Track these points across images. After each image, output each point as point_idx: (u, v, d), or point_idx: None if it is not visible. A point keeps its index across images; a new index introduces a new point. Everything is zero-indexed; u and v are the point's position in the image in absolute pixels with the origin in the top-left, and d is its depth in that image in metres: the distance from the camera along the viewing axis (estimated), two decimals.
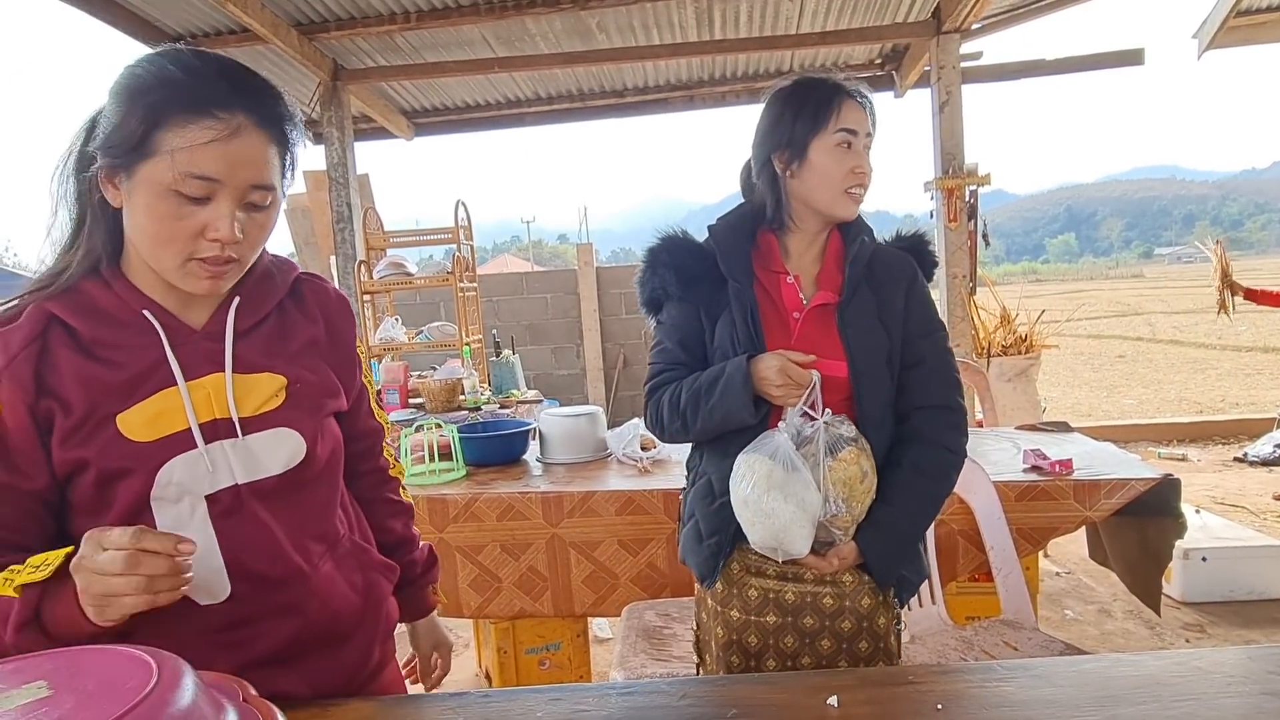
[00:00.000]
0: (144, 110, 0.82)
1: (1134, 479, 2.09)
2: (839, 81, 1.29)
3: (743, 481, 1.22)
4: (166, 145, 0.82)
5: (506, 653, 2.48)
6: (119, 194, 0.86)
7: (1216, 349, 12.79)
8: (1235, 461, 5.30)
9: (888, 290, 1.31)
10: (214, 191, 0.84)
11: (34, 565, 0.78)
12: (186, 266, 0.87)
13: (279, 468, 0.95)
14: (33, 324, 0.87)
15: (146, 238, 0.86)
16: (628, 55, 5.10)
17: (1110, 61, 5.50)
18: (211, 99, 0.83)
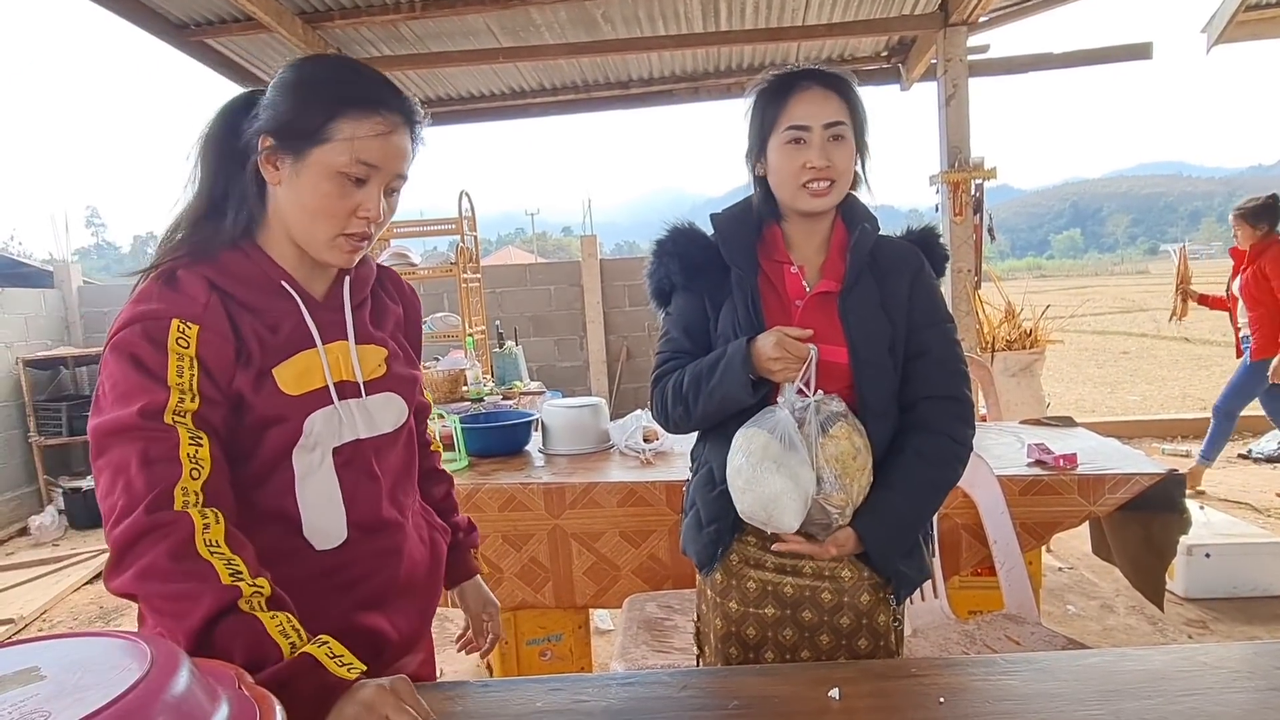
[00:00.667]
0: (324, 102, 0.95)
1: (1138, 474, 2.08)
2: (792, 74, 1.28)
3: (738, 453, 1.22)
4: (341, 134, 0.94)
5: (508, 644, 2.48)
6: (278, 174, 0.97)
7: (1221, 345, 12.73)
8: (1239, 458, 5.28)
9: (892, 280, 1.30)
10: (371, 176, 0.97)
11: (339, 656, 0.84)
12: (335, 240, 0.99)
13: (389, 427, 1.09)
14: (202, 280, 0.95)
15: (306, 213, 0.97)
16: (633, 46, 5.07)
17: (1118, 55, 5.46)
18: (381, 99, 0.97)
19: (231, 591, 0.83)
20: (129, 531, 0.83)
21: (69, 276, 6.51)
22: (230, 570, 0.84)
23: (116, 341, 0.90)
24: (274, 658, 0.82)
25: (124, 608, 3.85)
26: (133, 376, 0.88)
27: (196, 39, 4.57)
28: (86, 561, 4.46)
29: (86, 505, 5.31)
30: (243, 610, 0.83)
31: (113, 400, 0.88)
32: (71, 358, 6.04)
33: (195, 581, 0.83)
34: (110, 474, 0.86)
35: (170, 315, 0.90)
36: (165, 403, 0.87)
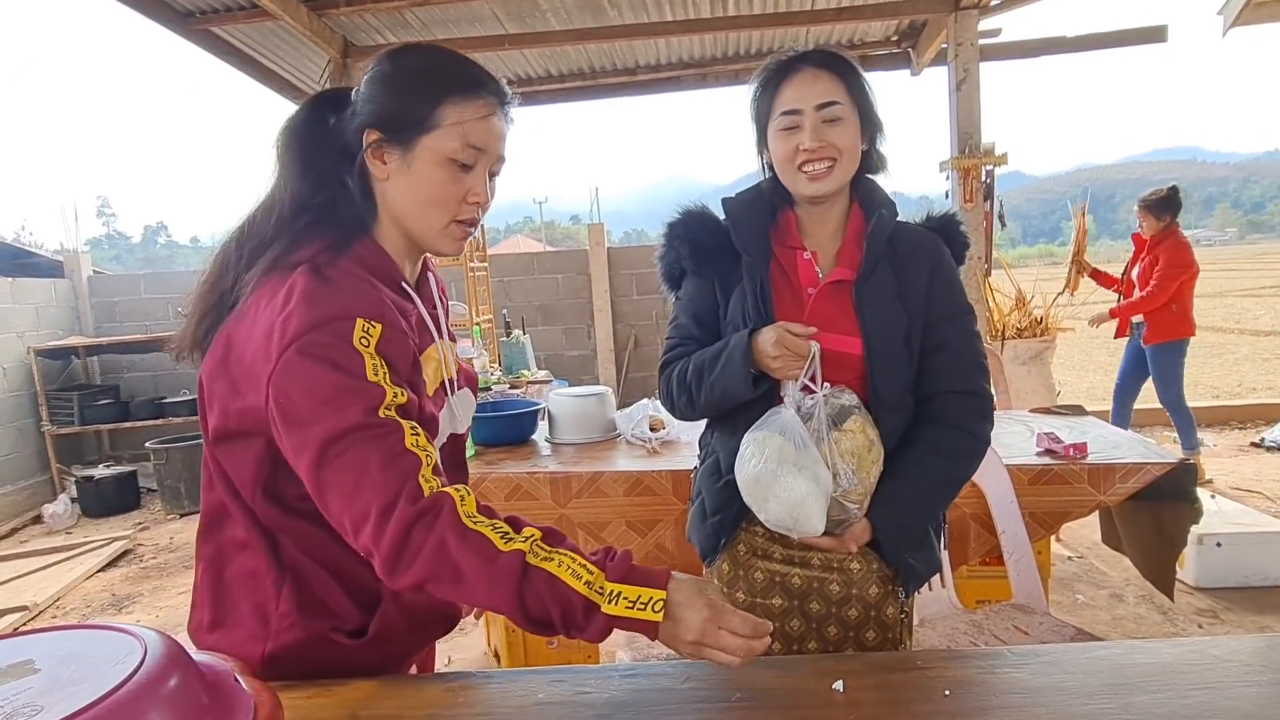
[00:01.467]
0: (428, 90, 0.94)
1: (1149, 463, 2.05)
2: (785, 60, 1.26)
3: (752, 459, 1.19)
4: (448, 119, 0.94)
5: (515, 632, 2.48)
6: (386, 168, 0.97)
7: (1234, 333, 12.62)
8: (1252, 447, 5.24)
9: (910, 270, 1.27)
10: (478, 160, 0.97)
11: (645, 600, 0.86)
12: (448, 228, 0.99)
13: (469, 422, 1.13)
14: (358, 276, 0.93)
15: (419, 202, 0.97)
16: (640, 31, 5.03)
17: (1133, 39, 5.38)
18: (481, 81, 0.97)
19: (512, 556, 0.84)
20: (399, 526, 0.83)
21: (79, 266, 6.54)
22: (501, 534, 0.85)
23: (303, 347, 0.86)
24: (577, 604, 0.84)
25: (137, 595, 3.88)
26: (337, 379, 0.85)
27: (202, 27, 4.56)
28: (99, 549, 4.50)
29: (99, 493, 5.35)
30: (533, 565, 0.84)
31: (322, 406, 0.85)
32: (82, 347, 6.08)
33: (480, 562, 0.83)
34: (351, 480, 0.84)
35: (353, 314, 0.88)
36: (382, 399, 0.86)
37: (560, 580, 0.84)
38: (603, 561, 0.88)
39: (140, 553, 4.56)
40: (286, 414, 0.86)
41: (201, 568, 1.02)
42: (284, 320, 0.87)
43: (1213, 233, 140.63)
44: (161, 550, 4.59)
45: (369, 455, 0.84)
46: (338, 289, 0.90)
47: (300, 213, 0.97)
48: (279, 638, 0.96)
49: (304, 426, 0.85)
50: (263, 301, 0.92)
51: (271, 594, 0.96)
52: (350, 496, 0.85)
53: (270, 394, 0.87)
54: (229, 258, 0.98)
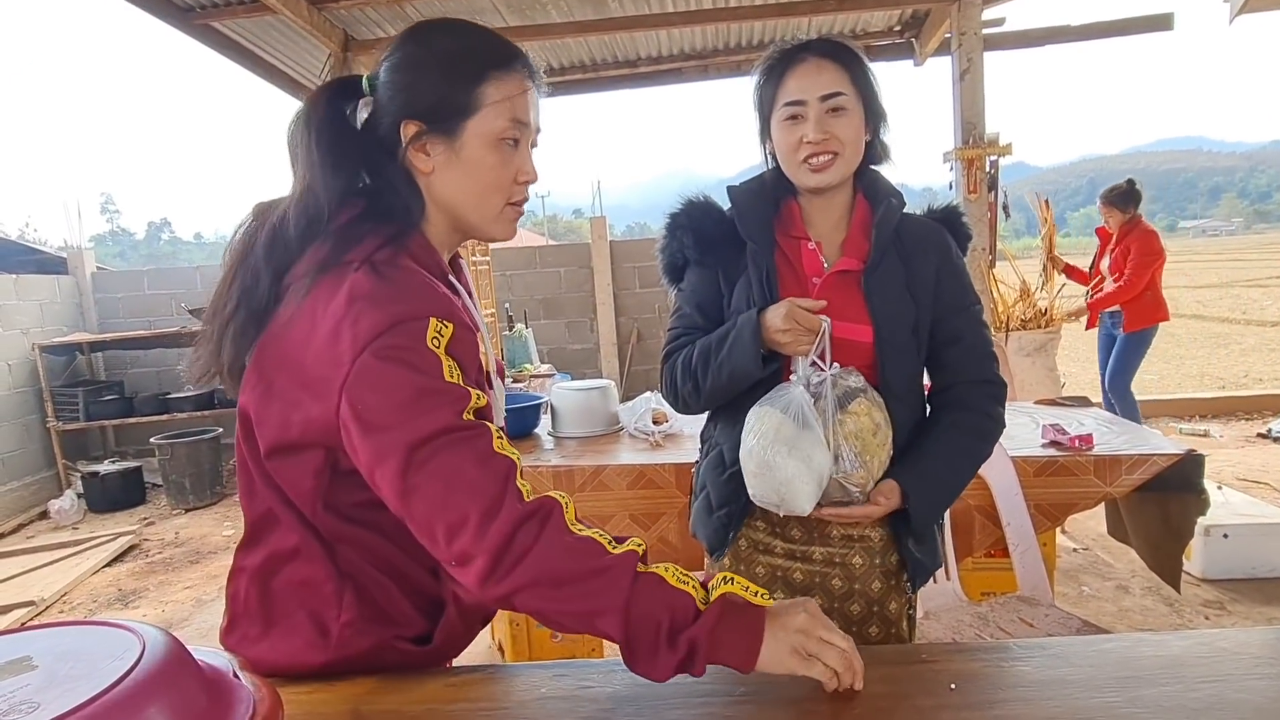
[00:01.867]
0: (466, 71, 0.90)
1: (1156, 454, 2.04)
2: (788, 49, 1.24)
3: (750, 434, 1.19)
4: (490, 98, 0.90)
5: (519, 625, 2.49)
6: (430, 160, 0.92)
7: (1240, 324, 12.56)
8: (1259, 438, 5.21)
9: (918, 260, 1.27)
10: (523, 137, 0.93)
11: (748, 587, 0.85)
12: (504, 212, 0.95)
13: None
14: (420, 274, 0.89)
15: (474, 190, 0.93)
16: (641, 23, 5.00)
17: (1138, 27, 5.33)
18: (514, 54, 0.93)
19: (628, 556, 0.82)
20: (505, 528, 0.79)
21: (82, 263, 6.55)
22: (608, 540, 0.83)
23: (379, 350, 0.81)
24: (689, 607, 0.81)
25: (143, 590, 3.90)
26: (419, 381, 0.81)
27: (202, 22, 4.54)
28: (105, 545, 4.51)
29: (104, 489, 5.37)
30: (642, 571, 0.82)
31: (405, 410, 0.81)
32: (87, 343, 6.09)
33: (588, 562, 0.81)
34: (441, 485, 0.80)
35: (426, 314, 0.84)
36: (466, 401, 0.83)
37: (669, 584, 0.82)
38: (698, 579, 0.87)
39: (146, 548, 4.57)
40: (364, 420, 0.82)
41: (244, 580, 0.96)
42: (353, 323, 0.82)
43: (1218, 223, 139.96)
44: (167, 545, 4.60)
45: (462, 458, 0.81)
46: (403, 288, 0.86)
47: (338, 211, 0.91)
48: (342, 648, 0.93)
49: (385, 431, 0.81)
50: (319, 305, 0.86)
51: (332, 603, 0.92)
52: (443, 502, 0.80)
53: (344, 401, 0.82)
54: (259, 265, 0.91)
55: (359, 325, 0.82)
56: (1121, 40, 5.54)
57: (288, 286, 0.90)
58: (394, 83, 0.92)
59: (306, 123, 0.92)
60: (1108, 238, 4.58)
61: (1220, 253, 41.15)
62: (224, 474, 5.63)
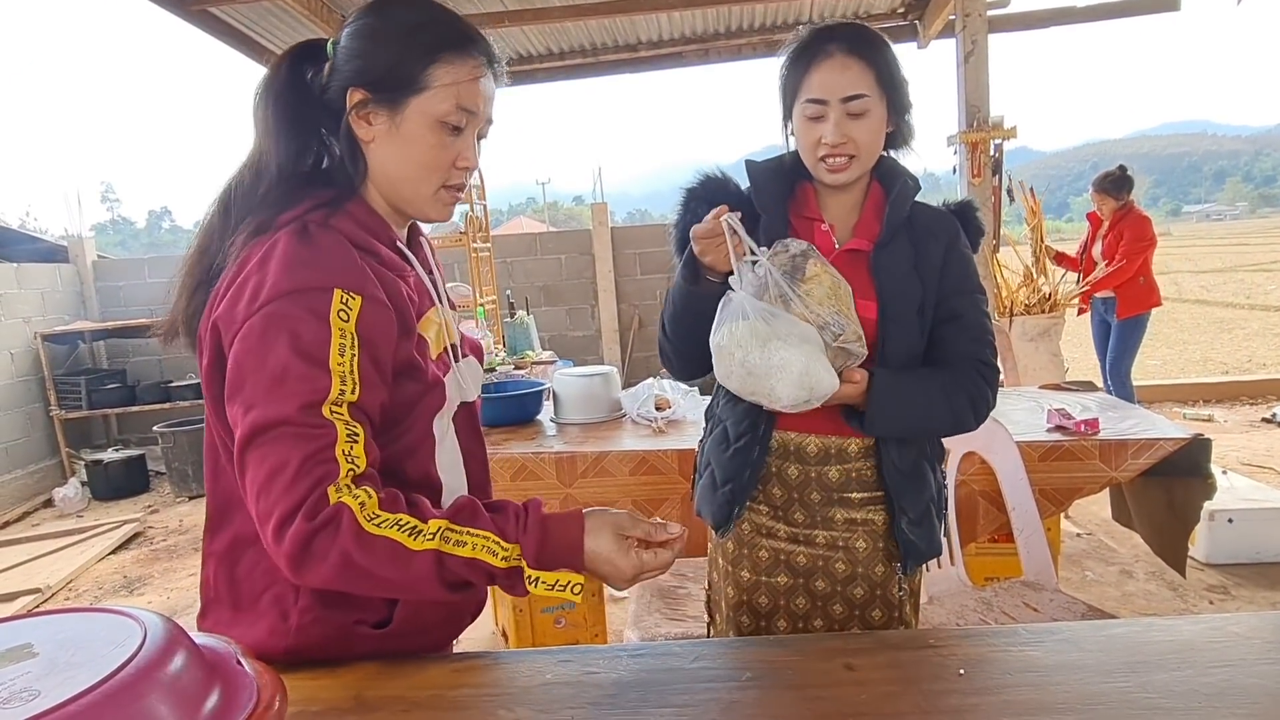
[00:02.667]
0: (420, 48, 0.90)
1: (1162, 439, 2.03)
2: (816, 37, 1.20)
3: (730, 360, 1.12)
4: (439, 80, 0.90)
5: (522, 611, 2.49)
6: (371, 129, 0.92)
7: (1244, 309, 12.51)
8: (1263, 422, 5.20)
9: (927, 243, 1.26)
10: (468, 123, 0.93)
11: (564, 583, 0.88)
12: (438, 194, 0.95)
13: (478, 390, 1.09)
14: (343, 241, 0.89)
15: (410, 166, 0.92)
16: (641, 6, 4.95)
17: (1145, 7, 5.28)
18: (472, 39, 0.93)
19: (425, 555, 0.83)
20: (295, 539, 0.80)
21: (83, 251, 6.53)
22: (409, 531, 0.83)
23: (271, 313, 0.82)
24: (495, 572, 0.85)
25: (148, 577, 3.91)
26: (291, 361, 0.81)
27: (200, 7, 4.50)
28: (110, 532, 4.52)
29: (108, 477, 5.38)
30: (447, 554, 0.83)
31: (267, 388, 0.81)
32: (88, 331, 6.08)
33: (392, 564, 0.82)
34: (266, 472, 0.81)
35: (332, 285, 0.83)
36: (326, 394, 0.82)
37: (478, 560, 0.85)
38: (516, 534, 0.87)
39: (150, 535, 4.59)
40: (232, 380, 0.84)
41: (212, 565, 0.97)
42: (259, 282, 0.84)
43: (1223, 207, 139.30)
44: (171, 533, 4.61)
45: (290, 454, 0.81)
46: (320, 254, 0.85)
47: (289, 175, 0.92)
48: (302, 633, 0.92)
49: (242, 401, 0.83)
50: (246, 266, 0.87)
51: (290, 587, 0.92)
52: (262, 489, 0.82)
53: (229, 354, 0.84)
54: (214, 227, 0.93)
55: (262, 285, 0.83)
56: (1127, 23, 5.48)
57: (233, 248, 0.90)
58: (349, 49, 0.92)
59: (267, 87, 0.93)
60: (1099, 223, 4.64)
61: (1224, 237, 40.96)
62: None
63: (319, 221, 0.88)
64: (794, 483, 1.30)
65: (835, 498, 1.28)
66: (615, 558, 0.88)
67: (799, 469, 1.29)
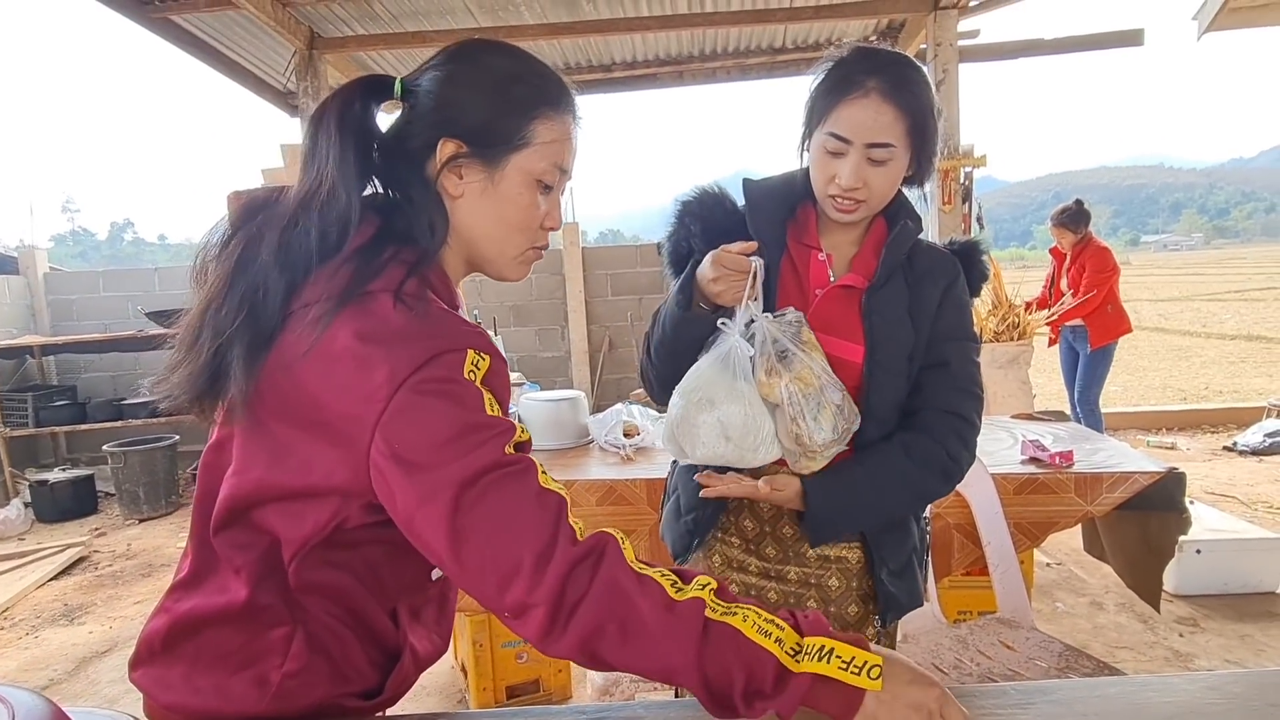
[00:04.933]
0: (521, 102, 0.85)
1: (1137, 472, 2.01)
2: (859, 67, 1.12)
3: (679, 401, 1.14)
4: (540, 137, 0.85)
5: (482, 646, 2.39)
6: (462, 184, 0.86)
7: (1201, 337, 12.80)
8: (1224, 450, 5.26)
9: (925, 286, 1.20)
10: (558, 184, 0.89)
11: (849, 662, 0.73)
12: (524, 254, 0.91)
13: None
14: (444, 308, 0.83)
15: (501, 226, 0.88)
16: (616, 27, 4.94)
17: (1110, 41, 5.39)
18: (568, 95, 0.89)
19: (693, 604, 0.72)
20: (560, 570, 0.71)
21: (34, 263, 6.31)
22: (670, 582, 0.74)
23: (418, 384, 0.74)
24: (769, 663, 0.72)
25: (90, 605, 3.72)
26: (462, 416, 0.75)
27: (161, 15, 4.39)
28: (53, 556, 4.31)
29: (54, 498, 5.15)
30: (713, 620, 0.72)
31: (450, 447, 0.73)
32: (38, 346, 5.86)
33: (655, 605, 0.72)
34: (494, 528, 0.73)
35: (464, 346, 0.78)
36: (511, 434, 0.77)
37: (746, 637, 0.72)
38: (793, 619, 0.76)
39: (96, 560, 4.38)
40: (406, 460, 0.73)
41: (169, 620, 0.85)
42: (387, 355, 0.75)
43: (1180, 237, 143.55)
44: (118, 557, 4.41)
45: (513, 497, 0.74)
46: (436, 321, 0.79)
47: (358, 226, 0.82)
48: (282, 700, 0.82)
49: (431, 470, 0.73)
50: (339, 337, 0.76)
51: (277, 649, 0.82)
52: (495, 546, 0.72)
53: (378, 440, 0.74)
54: (268, 272, 0.79)
55: (395, 358, 0.75)
56: (1090, 62, 5.60)
57: (293, 310, 0.80)
58: (440, 95, 0.85)
59: (340, 118, 0.82)
60: (1062, 257, 4.72)
61: (1181, 267, 42.11)
62: (180, 483, 5.44)
63: (414, 294, 0.80)
64: (766, 516, 1.26)
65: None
66: (918, 684, 0.74)
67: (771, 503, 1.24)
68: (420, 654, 0.93)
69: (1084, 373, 4.61)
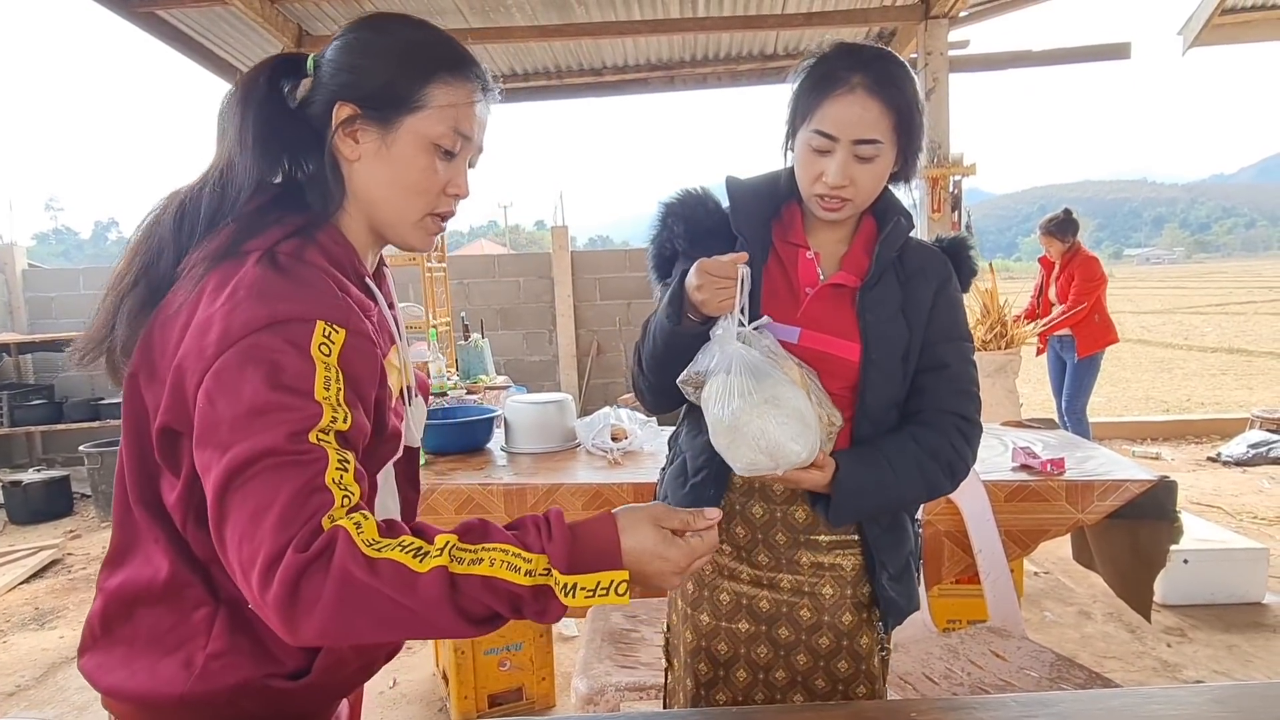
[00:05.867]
0: (417, 66, 0.85)
1: (1128, 481, 1.99)
2: (841, 63, 1.10)
3: (708, 408, 1.09)
4: (436, 100, 0.85)
5: (464, 653, 2.34)
6: (358, 148, 0.86)
7: (1182, 349, 12.92)
8: (1209, 461, 5.29)
9: (917, 284, 1.19)
10: (461, 150, 0.89)
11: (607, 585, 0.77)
12: (423, 221, 0.90)
13: (421, 433, 1.03)
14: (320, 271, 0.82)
15: (396, 189, 0.87)
16: (607, 30, 4.92)
17: (1097, 54, 5.43)
18: (471, 62, 0.89)
19: (433, 575, 0.72)
20: (287, 576, 0.69)
21: (12, 259, 6.21)
22: (413, 552, 0.73)
23: (247, 348, 0.74)
24: (525, 593, 0.74)
25: (62, 609, 3.63)
26: (266, 395, 0.73)
27: (146, 10, 4.33)
28: (24, 559, 4.21)
29: (27, 499, 5.05)
30: (460, 575, 0.73)
31: (247, 424, 0.73)
32: (14, 344, 5.76)
33: (397, 589, 0.71)
34: (250, 514, 0.71)
35: (314, 316, 0.76)
36: (316, 421, 0.74)
37: (496, 579, 0.74)
38: (540, 543, 0.77)
39: (69, 563, 4.29)
40: (205, 424, 0.74)
41: (107, 601, 0.88)
42: (228, 314, 0.75)
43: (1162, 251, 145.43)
44: (93, 560, 4.32)
45: (278, 488, 0.71)
46: (298, 285, 0.78)
47: (256, 193, 0.85)
48: (206, 680, 0.82)
49: (217, 443, 0.73)
50: (206, 295, 0.78)
51: (200, 630, 0.83)
52: (243, 536, 0.71)
53: (200, 397, 0.75)
54: (164, 240, 0.84)
55: (233, 318, 0.74)
56: (1076, 78, 5.65)
57: (183, 270, 0.82)
58: (339, 62, 0.86)
59: (244, 98, 0.85)
60: (1050, 266, 4.74)
61: (1163, 280, 42.58)
62: None
63: (291, 253, 0.81)
64: (759, 522, 1.22)
65: (802, 539, 1.21)
66: (661, 549, 0.80)
67: (764, 508, 1.22)
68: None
69: (1071, 382, 4.64)
